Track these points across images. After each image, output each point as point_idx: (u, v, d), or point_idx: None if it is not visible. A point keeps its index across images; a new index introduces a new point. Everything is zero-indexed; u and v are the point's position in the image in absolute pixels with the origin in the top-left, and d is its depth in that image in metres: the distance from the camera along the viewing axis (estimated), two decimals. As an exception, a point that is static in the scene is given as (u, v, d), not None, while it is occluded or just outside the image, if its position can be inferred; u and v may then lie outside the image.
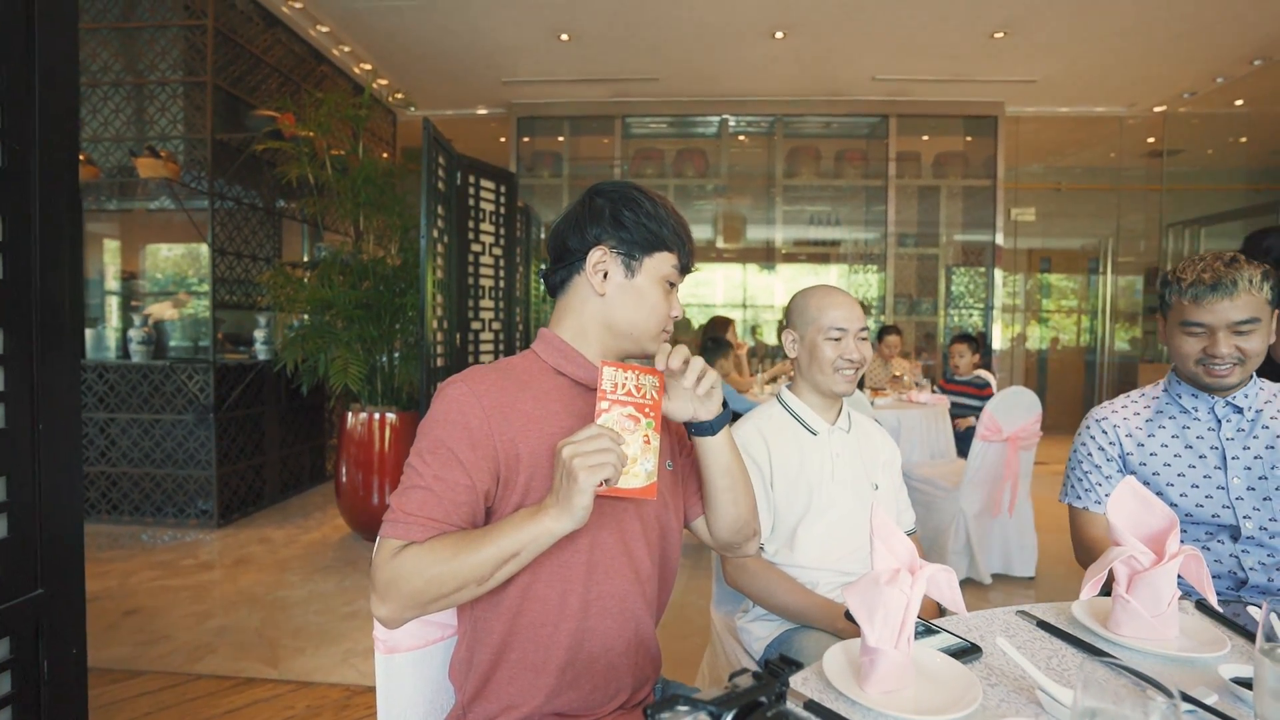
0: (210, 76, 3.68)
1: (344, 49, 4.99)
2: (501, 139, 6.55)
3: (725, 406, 0.87)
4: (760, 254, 6.59)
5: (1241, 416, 1.22)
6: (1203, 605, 0.97)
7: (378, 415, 3.43)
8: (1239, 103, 5.83)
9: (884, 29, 4.63)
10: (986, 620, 0.95)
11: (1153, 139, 6.44)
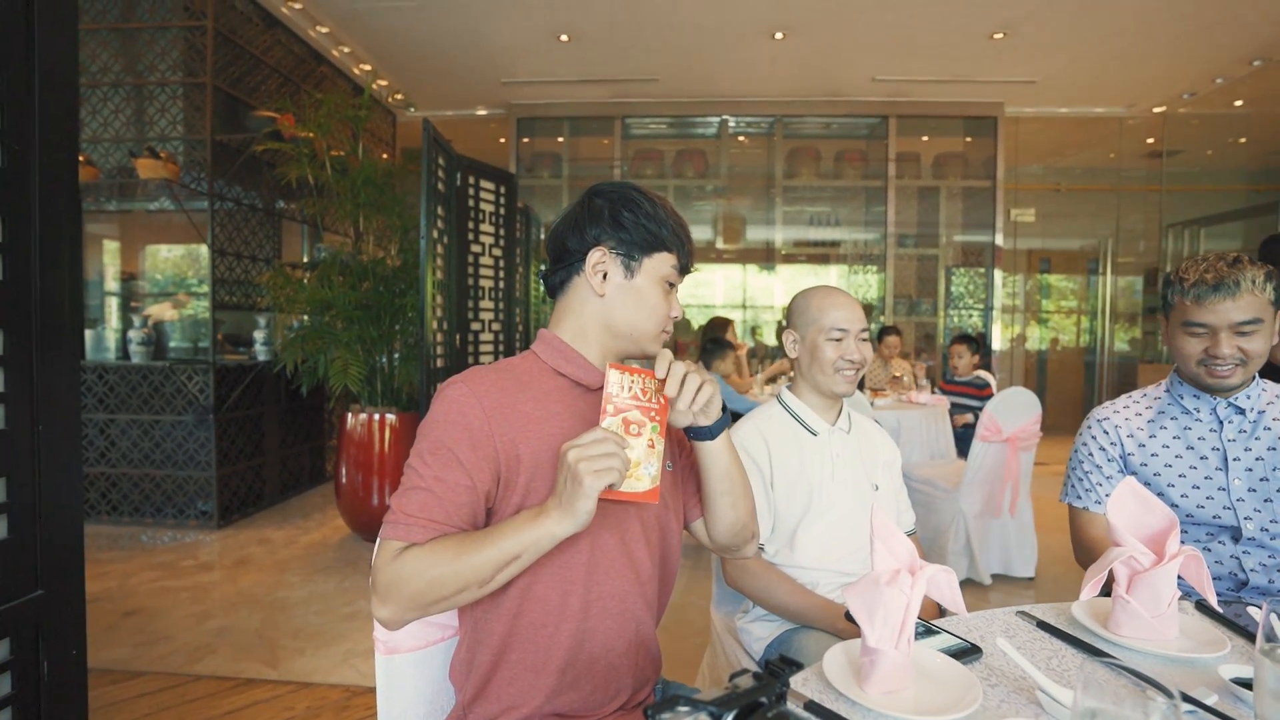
0: (210, 77, 3.68)
1: (344, 50, 4.99)
2: (501, 140, 6.55)
3: (724, 411, 0.87)
4: (760, 255, 6.60)
5: (1244, 418, 1.22)
6: (1203, 606, 0.97)
7: (377, 416, 3.43)
8: (1238, 103, 5.83)
9: (883, 30, 4.63)
10: (986, 621, 0.95)
11: (1152, 139, 6.44)
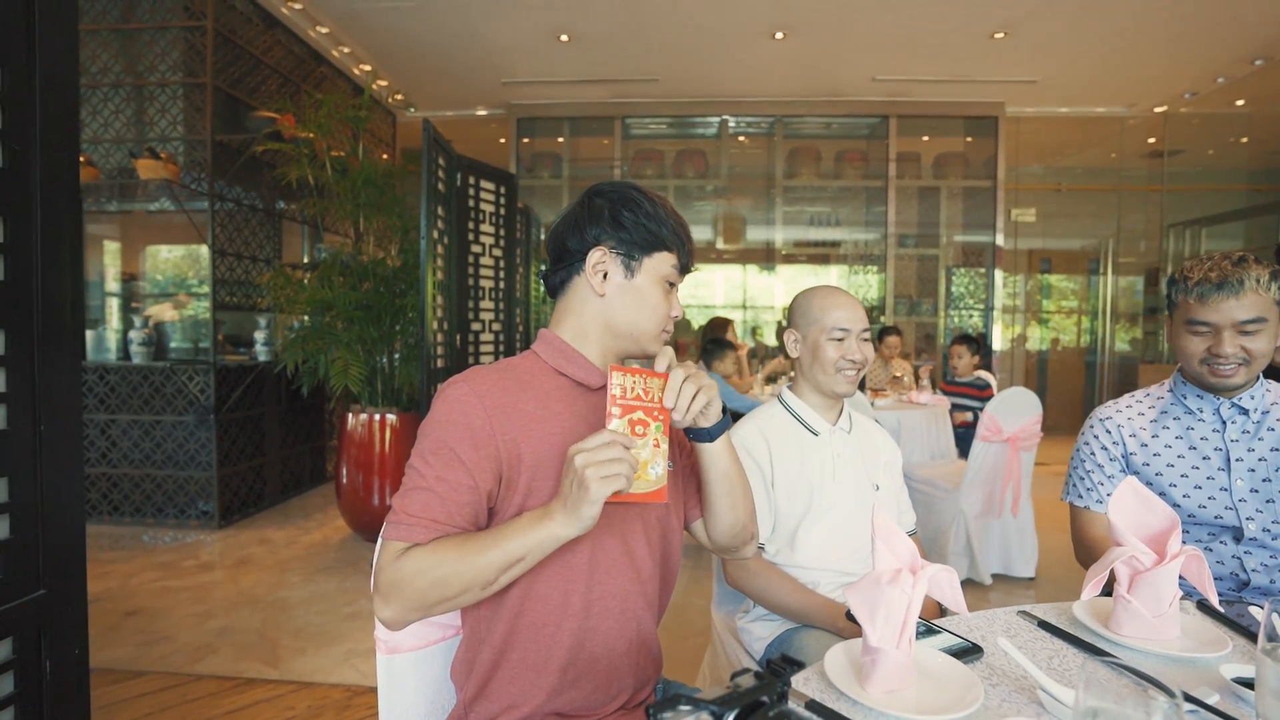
0: (210, 78, 3.68)
1: (344, 50, 4.99)
2: (501, 140, 6.55)
3: (725, 413, 0.87)
4: (760, 255, 6.59)
5: (1247, 418, 1.21)
6: (1204, 605, 0.97)
7: (378, 416, 3.43)
8: (1240, 103, 5.83)
9: (884, 29, 4.63)
10: (988, 620, 0.95)
11: (1153, 139, 6.44)
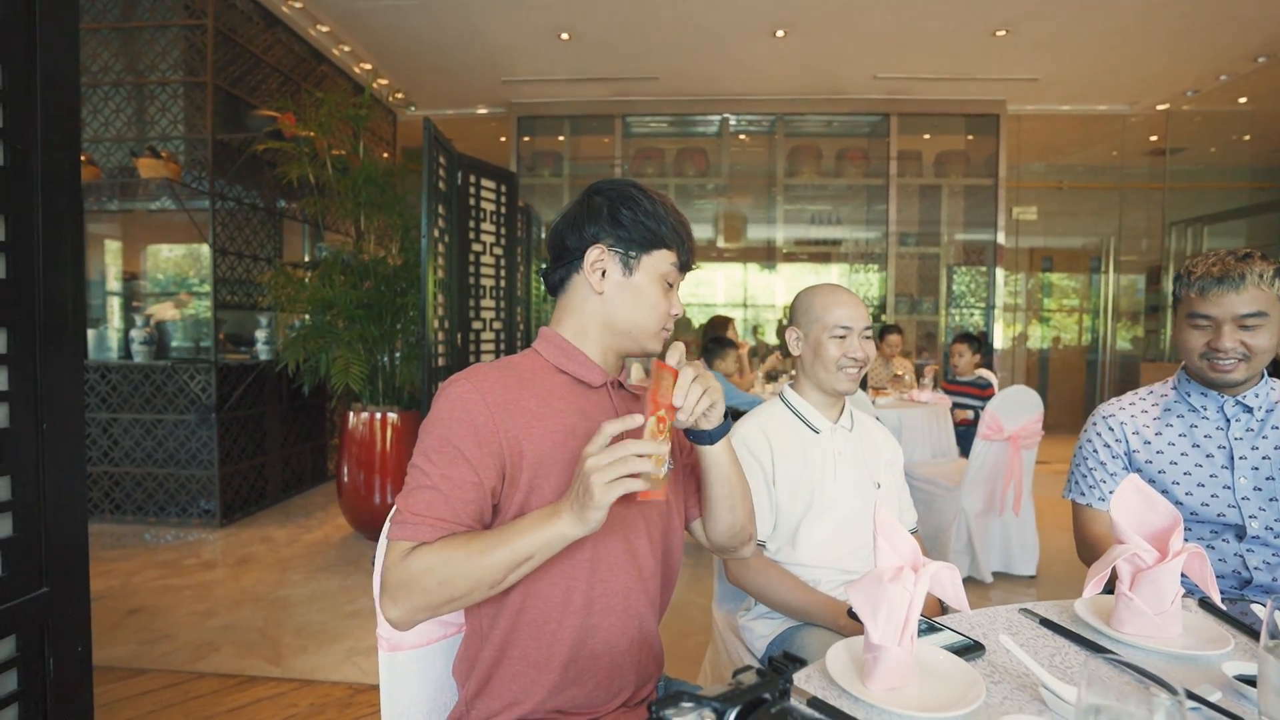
0: (210, 76, 3.68)
1: (344, 48, 4.99)
2: (502, 138, 6.54)
3: (726, 417, 0.86)
4: (761, 253, 6.59)
5: (1251, 416, 1.21)
6: (1206, 603, 0.97)
7: (379, 415, 3.43)
8: (1242, 100, 5.81)
9: (885, 27, 4.62)
10: (989, 618, 0.95)
11: (1155, 137, 6.43)
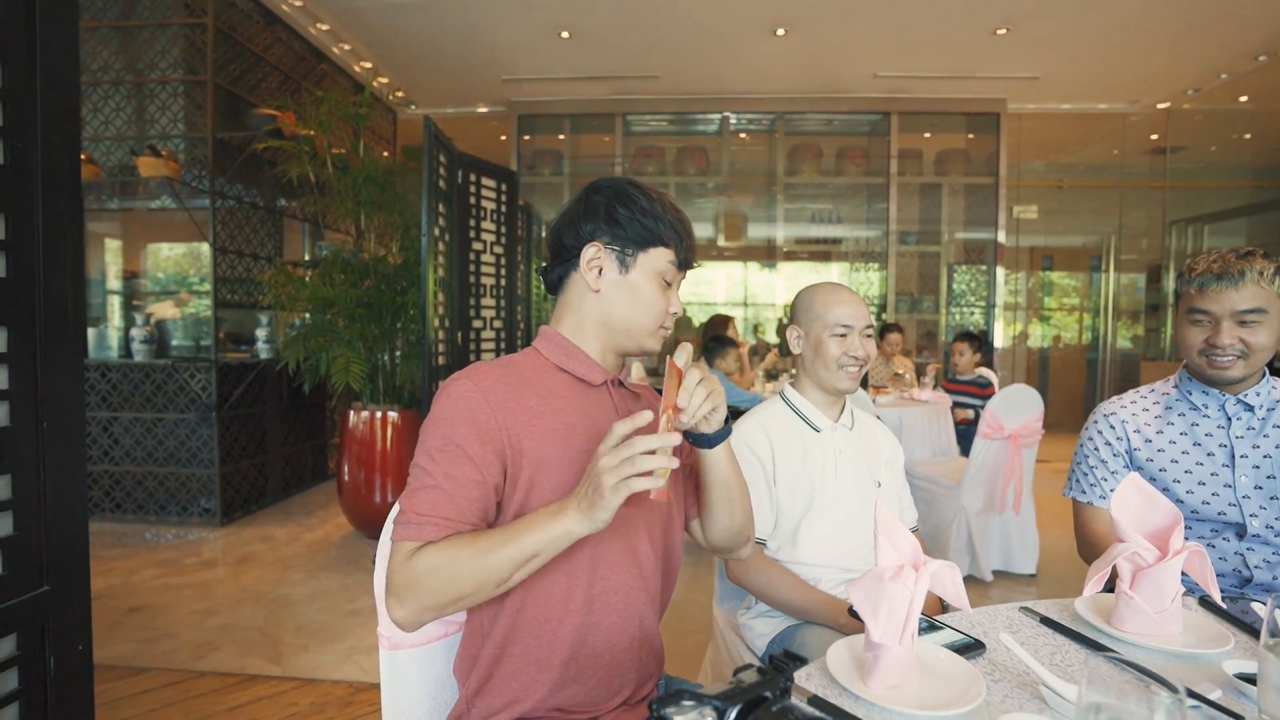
0: (210, 75, 3.68)
1: (344, 47, 4.99)
2: (502, 137, 6.54)
3: (727, 421, 0.86)
4: (761, 252, 6.58)
5: (1252, 415, 1.21)
6: (1206, 601, 0.97)
7: (379, 414, 3.43)
8: (1243, 99, 5.80)
9: (885, 26, 4.61)
10: (990, 616, 0.95)
11: (1156, 136, 6.42)
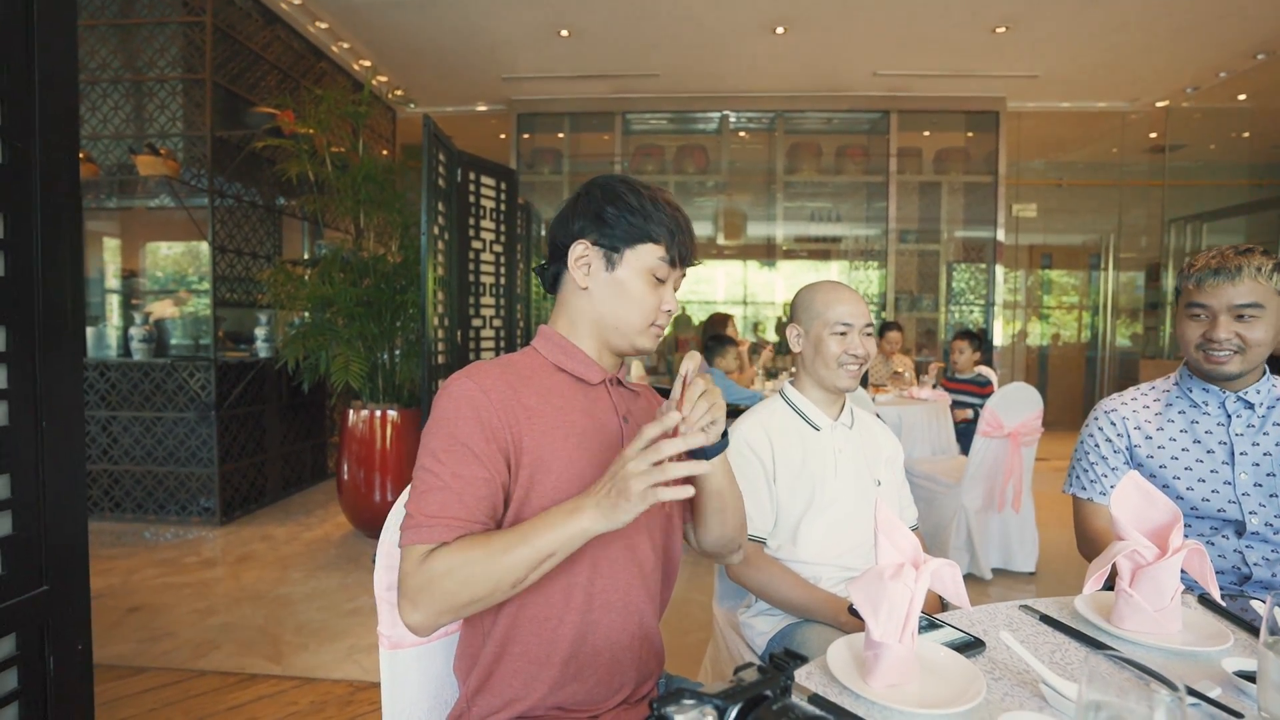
0: (209, 73, 3.67)
1: (343, 45, 4.98)
2: (502, 136, 6.53)
3: (724, 435, 0.85)
4: (761, 250, 6.58)
5: (1252, 412, 1.22)
6: (1206, 599, 0.98)
7: (379, 412, 3.43)
8: (1242, 97, 5.81)
9: (885, 24, 4.61)
10: (989, 615, 0.95)
11: (1155, 134, 6.42)
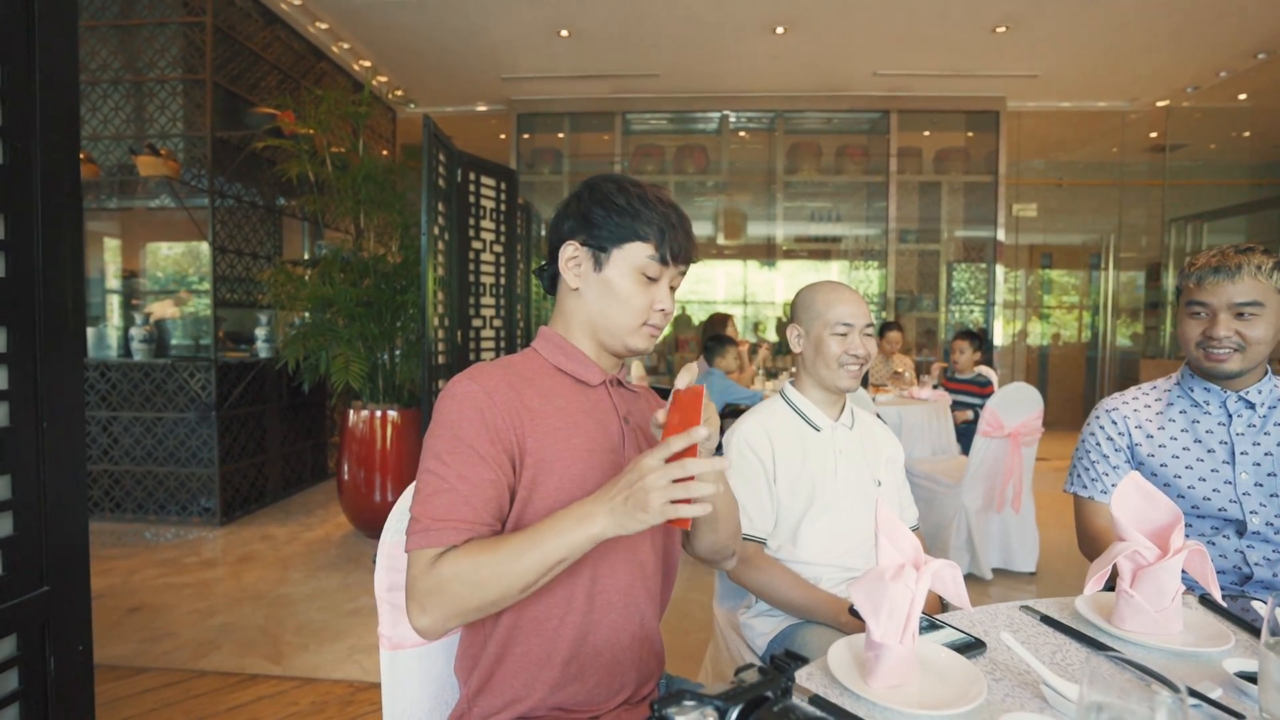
0: (209, 74, 3.67)
1: (343, 46, 4.98)
2: (502, 136, 6.53)
3: (719, 450, 0.85)
4: (761, 250, 6.58)
5: (1253, 412, 1.21)
6: (1207, 600, 0.97)
7: (379, 413, 3.43)
8: (1242, 97, 5.81)
9: (885, 24, 4.61)
10: (990, 615, 0.95)
11: (1155, 134, 6.42)
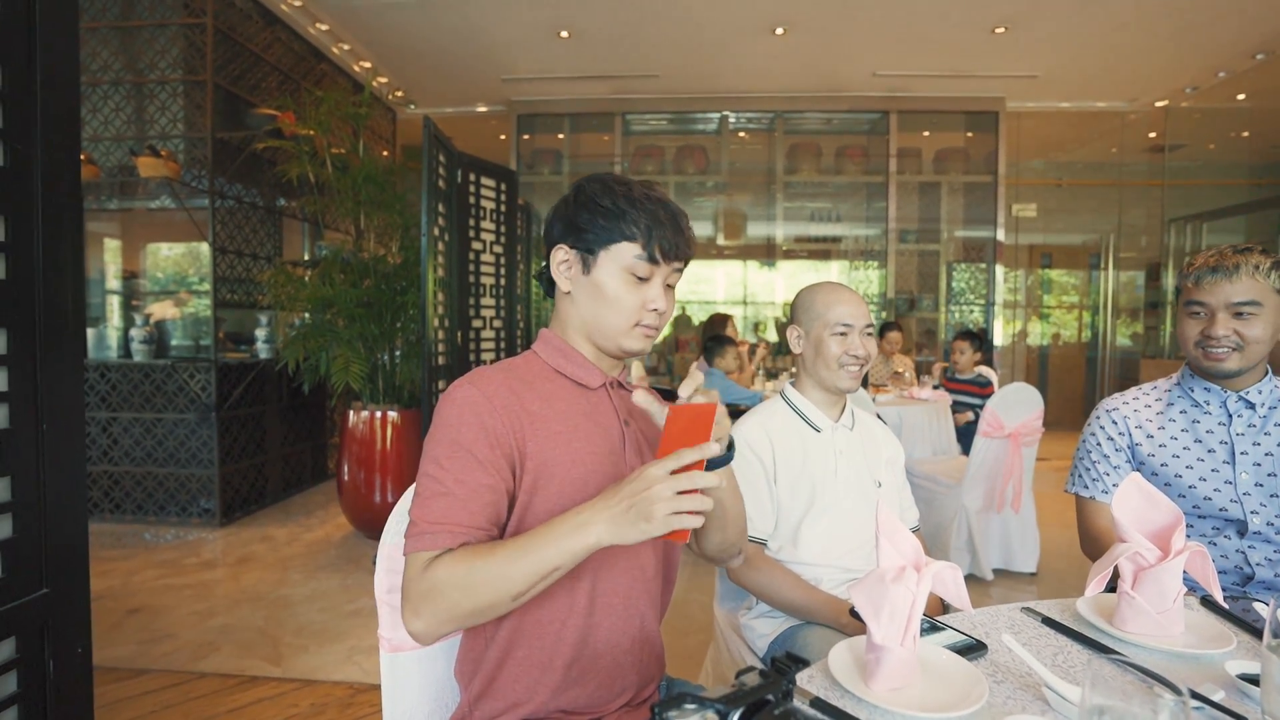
0: (210, 75, 3.67)
1: (343, 47, 4.98)
2: (502, 136, 6.53)
3: (730, 448, 0.83)
4: (761, 251, 6.58)
5: (1254, 412, 1.22)
6: (1208, 601, 0.97)
7: (379, 413, 3.43)
8: (1241, 97, 5.81)
9: (885, 24, 4.61)
10: (991, 617, 0.95)
11: (1154, 134, 6.42)
